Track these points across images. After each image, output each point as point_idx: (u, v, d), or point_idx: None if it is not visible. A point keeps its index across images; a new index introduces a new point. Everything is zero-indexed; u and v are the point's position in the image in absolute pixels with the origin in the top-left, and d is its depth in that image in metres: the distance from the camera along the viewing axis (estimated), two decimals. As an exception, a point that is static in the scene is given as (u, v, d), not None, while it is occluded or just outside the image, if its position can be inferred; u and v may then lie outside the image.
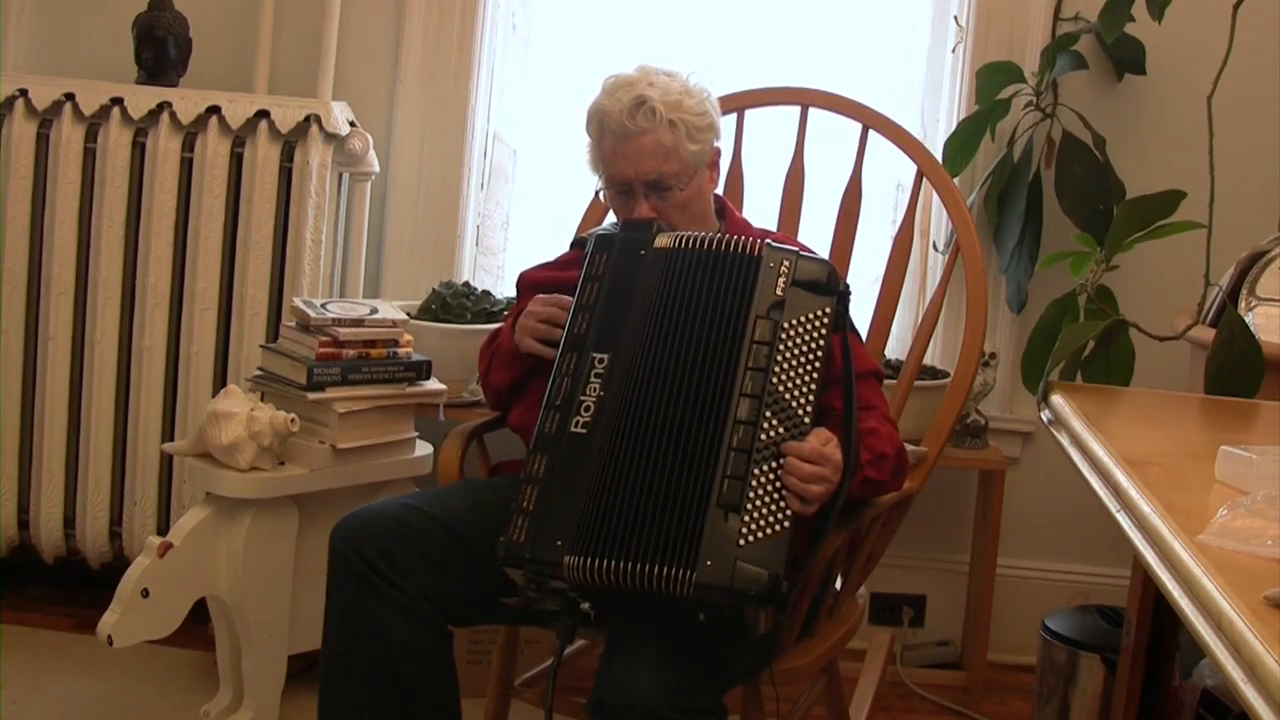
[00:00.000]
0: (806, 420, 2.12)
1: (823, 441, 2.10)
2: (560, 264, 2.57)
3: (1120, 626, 2.55)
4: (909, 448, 2.48)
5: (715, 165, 2.50)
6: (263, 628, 2.87)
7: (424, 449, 3.08)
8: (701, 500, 2.05)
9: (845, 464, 2.12)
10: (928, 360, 3.42)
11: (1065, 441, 2.23)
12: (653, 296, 2.23)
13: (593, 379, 2.18)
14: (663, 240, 2.28)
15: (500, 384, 2.53)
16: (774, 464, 2.08)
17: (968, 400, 3.05)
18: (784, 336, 2.16)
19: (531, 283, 2.57)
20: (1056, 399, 2.39)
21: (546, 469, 2.13)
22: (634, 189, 2.39)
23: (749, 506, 2.05)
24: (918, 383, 3.12)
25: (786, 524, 2.05)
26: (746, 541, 2.02)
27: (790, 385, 2.13)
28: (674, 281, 2.23)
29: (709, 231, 2.33)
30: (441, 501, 2.34)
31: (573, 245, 2.56)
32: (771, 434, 2.09)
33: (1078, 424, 2.21)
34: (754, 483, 2.06)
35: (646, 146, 2.36)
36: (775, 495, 2.07)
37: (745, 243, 2.24)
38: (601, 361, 2.19)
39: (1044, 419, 2.40)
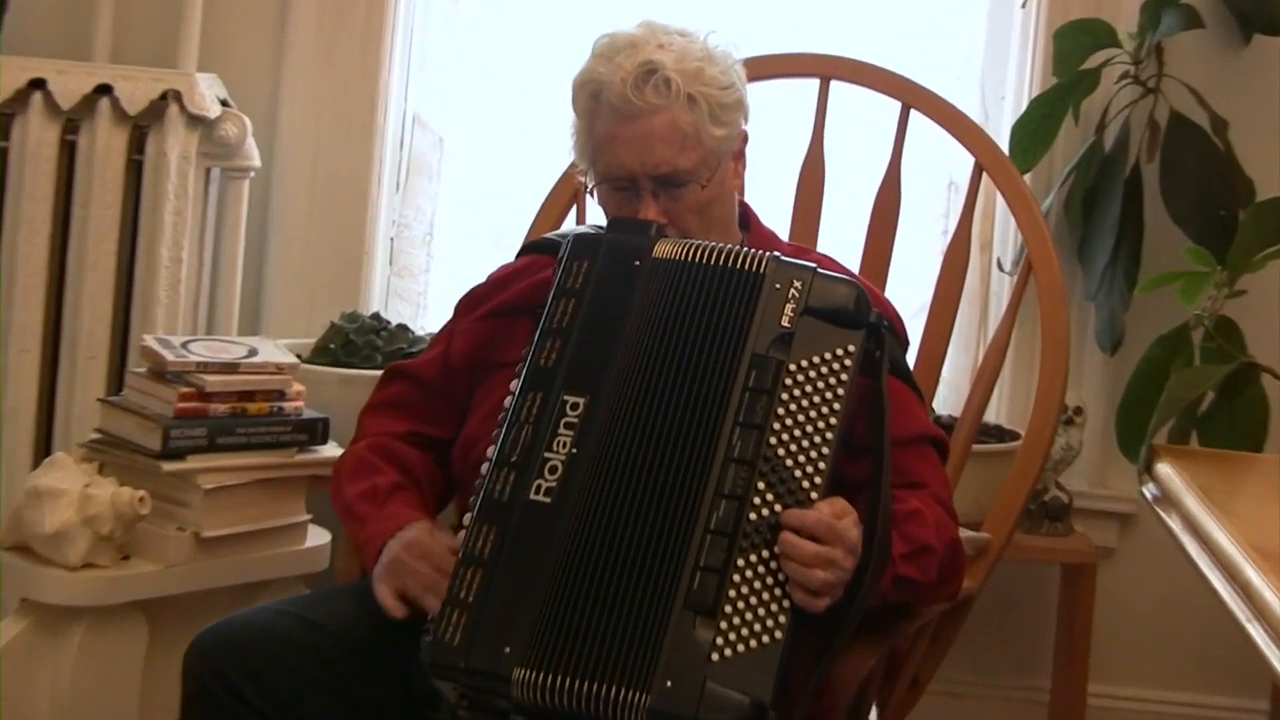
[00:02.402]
0: (815, 496, 2.10)
1: (835, 513, 2.09)
2: (498, 280, 2.56)
3: (1251, 774, 2.53)
4: (966, 534, 2.47)
5: (742, 155, 2.50)
6: (99, 778, 2.83)
7: (319, 537, 3.07)
8: (665, 600, 2.04)
9: (868, 551, 2.10)
10: (989, 417, 3.41)
11: (1176, 526, 2.23)
12: (648, 323, 2.22)
13: (563, 430, 2.17)
14: (665, 248, 2.27)
15: (352, 497, 2.45)
16: (767, 552, 2.07)
17: (1044, 470, 3.05)
18: (790, 383, 2.15)
19: (476, 295, 2.56)
20: (1164, 469, 2.39)
21: (495, 547, 2.11)
22: (639, 185, 2.38)
23: (729, 609, 2.03)
24: (977, 446, 3.09)
25: (779, 633, 2.03)
26: (722, 656, 2.01)
27: (795, 448, 2.12)
28: (675, 304, 2.22)
29: (726, 243, 2.31)
30: (338, 607, 2.32)
31: (523, 251, 2.55)
32: (764, 512, 2.08)
33: (1193, 502, 2.20)
34: (737, 577, 2.05)
35: (658, 130, 2.35)
36: (767, 594, 2.05)
37: (747, 256, 2.23)
38: (575, 407, 2.18)
39: (1147, 495, 2.41)
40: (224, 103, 3.39)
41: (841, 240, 2.96)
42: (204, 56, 3.49)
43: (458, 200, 3.68)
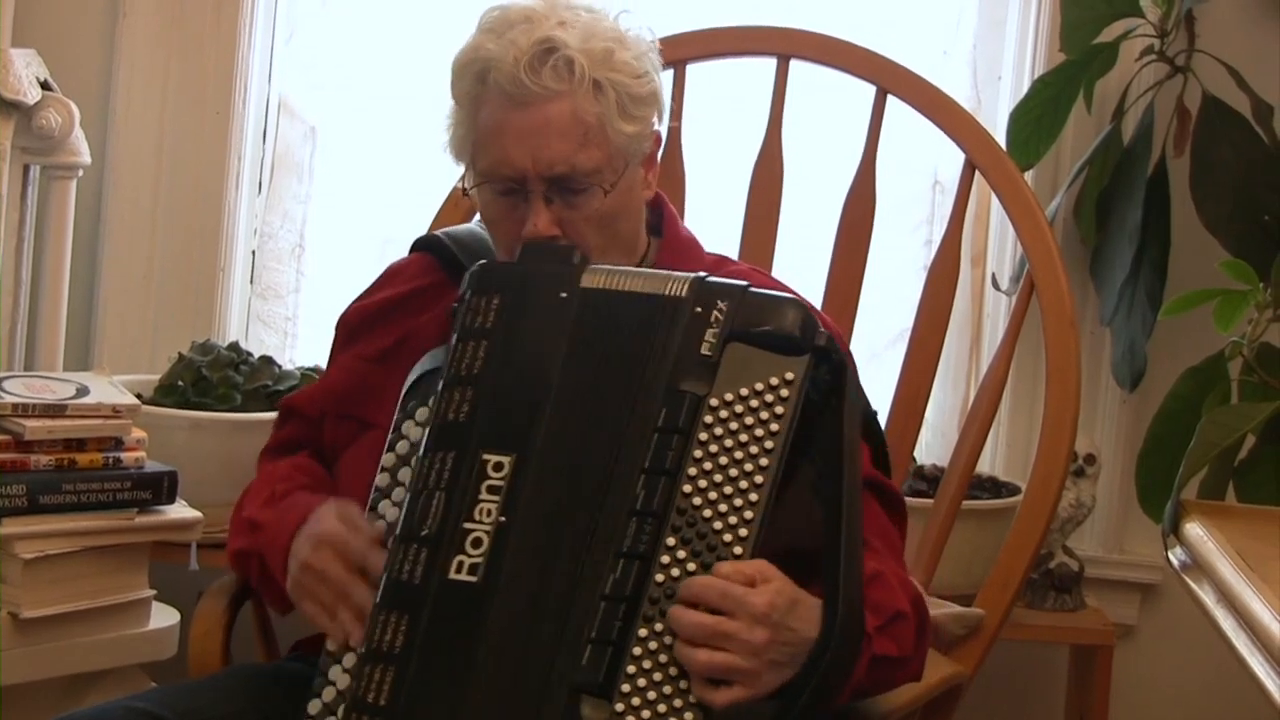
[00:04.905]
0: (739, 552, 2.10)
1: (741, 575, 2.07)
2: (389, 301, 2.54)
3: None
4: (956, 609, 2.51)
5: (654, 160, 2.49)
6: None
7: (166, 617, 3.05)
8: (553, 682, 2.06)
9: (828, 633, 2.09)
10: (983, 467, 3.43)
11: (1208, 599, 2.24)
12: (580, 364, 2.22)
13: (486, 495, 2.16)
14: (595, 278, 2.27)
15: (253, 511, 2.46)
16: None
17: (1050, 532, 3.05)
18: (711, 421, 2.14)
19: (358, 322, 2.56)
20: (1195, 529, 2.38)
21: (407, 639, 2.11)
22: (528, 188, 2.37)
23: (627, 688, 2.04)
24: (968, 503, 3.08)
25: (691, 715, 2.03)
26: None
27: (717, 497, 2.11)
28: (606, 342, 2.23)
29: (628, 264, 2.35)
30: (195, 703, 2.29)
31: (416, 247, 2.57)
32: (675, 573, 2.09)
33: (1229, 570, 2.20)
34: (638, 649, 2.06)
35: (555, 120, 2.33)
36: (676, 669, 2.05)
37: (668, 278, 2.24)
38: (500, 468, 2.18)
39: (1174, 562, 2.42)
40: (45, 85, 3.36)
41: (804, 254, 3.00)
42: (20, 28, 3.46)
43: (334, 205, 3.68)
